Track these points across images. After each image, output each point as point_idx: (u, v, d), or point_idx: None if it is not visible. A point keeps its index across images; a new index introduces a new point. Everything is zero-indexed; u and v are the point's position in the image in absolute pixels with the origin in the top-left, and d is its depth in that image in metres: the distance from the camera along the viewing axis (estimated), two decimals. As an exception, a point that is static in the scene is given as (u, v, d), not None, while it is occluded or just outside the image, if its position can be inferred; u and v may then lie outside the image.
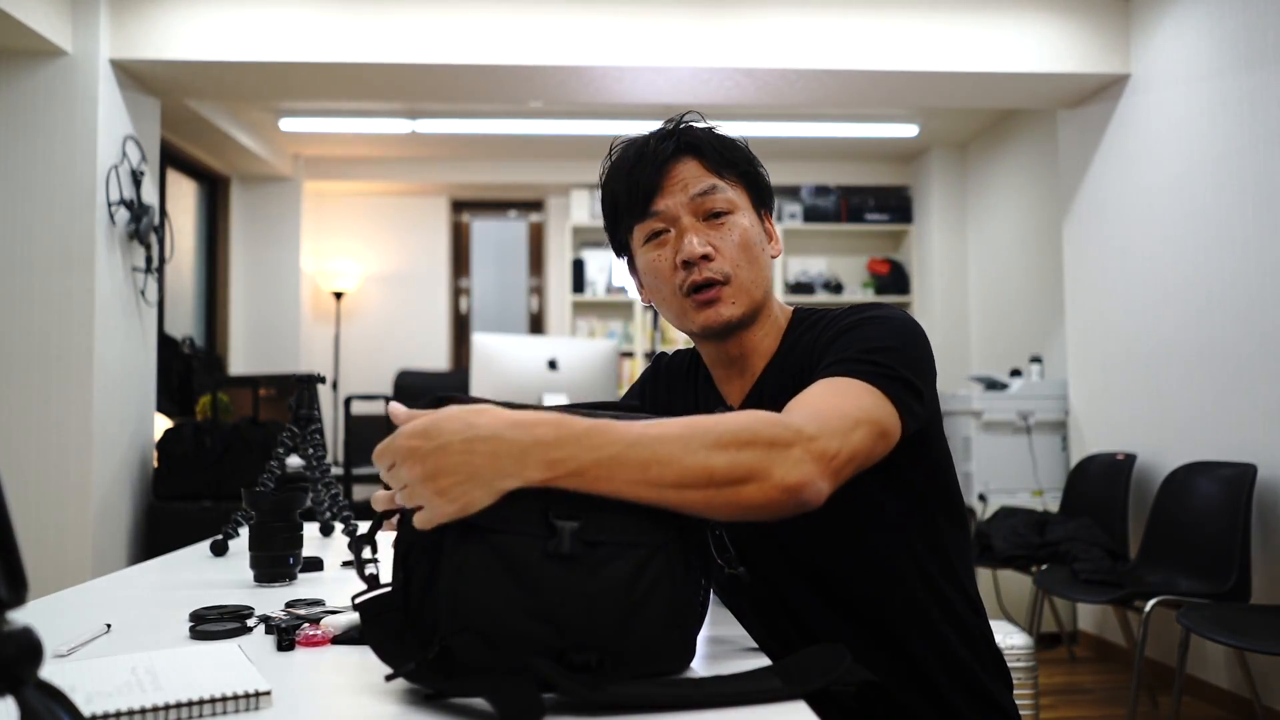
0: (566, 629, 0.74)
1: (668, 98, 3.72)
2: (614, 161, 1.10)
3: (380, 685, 0.80)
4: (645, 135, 1.09)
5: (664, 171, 1.05)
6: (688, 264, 1.04)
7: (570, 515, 0.74)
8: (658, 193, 1.06)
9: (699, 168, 1.06)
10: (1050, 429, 4.01)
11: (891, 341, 0.97)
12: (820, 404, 0.88)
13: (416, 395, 4.77)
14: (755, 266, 1.06)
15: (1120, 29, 3.49)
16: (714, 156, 1.06)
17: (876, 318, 1.01)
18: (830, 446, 0.82)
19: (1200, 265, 3.10)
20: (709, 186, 1.05)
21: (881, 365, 0.93)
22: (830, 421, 0.84)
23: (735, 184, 1.08)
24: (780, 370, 1.08)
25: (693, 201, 1.05)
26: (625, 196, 1.08)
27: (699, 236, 1.04)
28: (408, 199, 6.10)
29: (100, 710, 0.69)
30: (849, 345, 0.97)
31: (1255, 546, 2.75)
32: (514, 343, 2.84)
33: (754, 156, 1.11)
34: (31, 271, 3.17)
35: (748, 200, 1.09)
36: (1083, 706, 3.14)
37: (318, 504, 1.69)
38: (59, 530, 3.13)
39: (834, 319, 1.05)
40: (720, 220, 1.06)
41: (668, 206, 1.05)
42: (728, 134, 1.11)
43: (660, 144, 1.06)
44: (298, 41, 3.31)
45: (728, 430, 0.78)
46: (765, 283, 1.08)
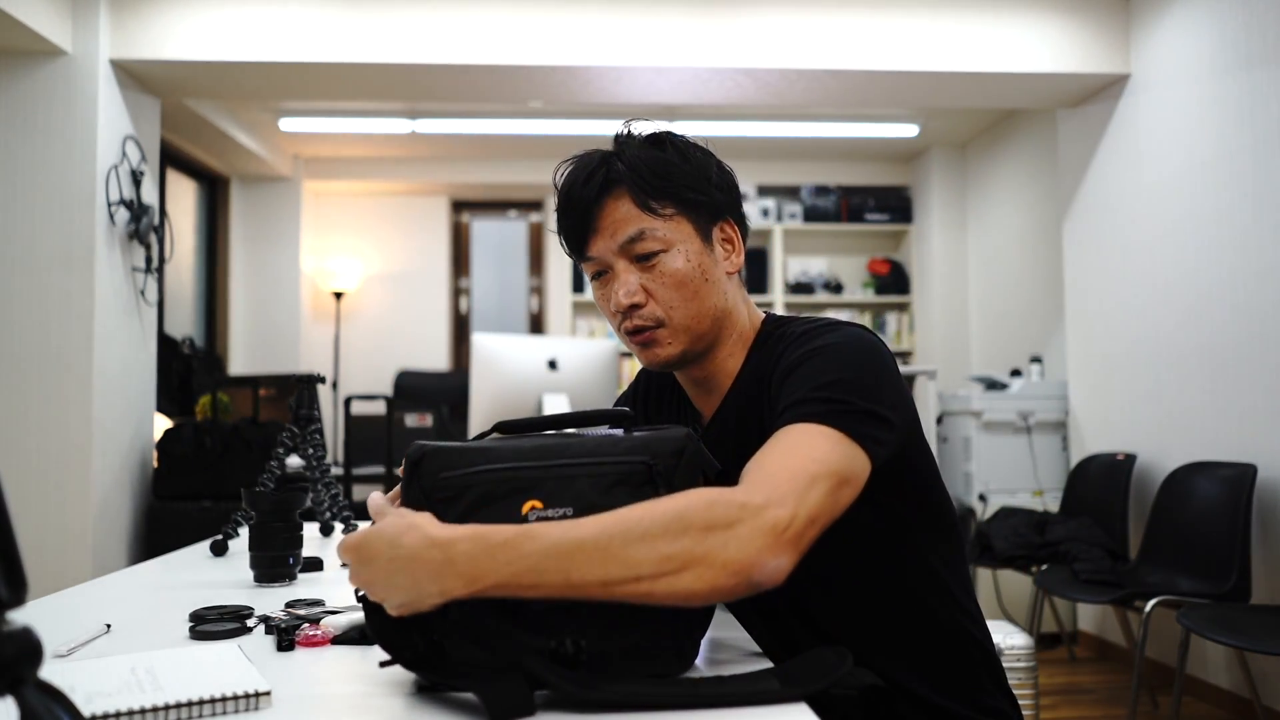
0: (553, 629, 0.76)
1: (668, 98, 3.72)
2: (557, 192, 1.07)
3: (380, 685, 0.80)
4: (579, 165, 1.05)
5: (592, 214, 1.03)
6: (619, 312, 1.04)
7: None
8: (591, 235, 1.04)
9: (629, 205, 1.01)
10: (1050, 429, 4.01)
11: (843, 371, 0.92)
12: (771, 466, 0.83)
13: (416, 395, 4.77)
14: (695, 301, 1.02)
15: (1120, 29, 3.49)
16: (644, 188, 1.01)
17: (823, 347, 0.96)
18: (782, 516, 0.77)
19: (1200, 265, 3.10)
20: (636, 233, 1.01)
21: (835, 401, 0.88)
22: (781, 485, 0.79)
23: (671, 214, 1.02)
24: (743, 389, 1.06)
25: (622, 248, 1.02)
26: (564, 238, 1.07)
27: (627, 285, 1.02)
28: (408, 199, 6.10)
29: (100, 710, 0.69)
30: (799, 385, 0.92)
31: (1255, 546, 2.75)
32: (514, 343, 2.84)
33: (698, 172, 1.04)
34: (31, 271, 3.17)
35: (689, 228, 1.03)
36: (1083, 706, 3.14)
37: (318, 504, 1.69)
38: (59, 530, 3.13)
39: (787, 345, 1.00)
40: (652, 262, 1.02)
41: (599, 252, 1.04)
42: (667, 149, 1.04)
43: (586, 185, 1.03)
44: (298, 41, 3.30)
45: (656, 521, 0.74)
46: (711, 312, 1.03)
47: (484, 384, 2.67)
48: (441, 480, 0.81)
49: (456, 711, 0.73)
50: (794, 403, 0.90)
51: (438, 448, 0.83)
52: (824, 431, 0.86)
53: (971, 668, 1.04)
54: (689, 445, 0.84)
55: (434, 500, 0.80)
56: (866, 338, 0.99)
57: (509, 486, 0.80)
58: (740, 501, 0.77)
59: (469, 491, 0.80)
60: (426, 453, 0.82)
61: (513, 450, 0.82)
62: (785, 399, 0.92)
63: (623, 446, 0.83)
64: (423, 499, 0.81)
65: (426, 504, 0.80)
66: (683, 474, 0.83)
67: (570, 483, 0.80)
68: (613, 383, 2.92)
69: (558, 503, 0.80)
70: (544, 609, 0.76)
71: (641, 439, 0.84)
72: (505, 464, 0.81)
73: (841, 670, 0.75)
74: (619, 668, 0.76)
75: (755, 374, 1.05)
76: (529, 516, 0.79)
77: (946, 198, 5.45)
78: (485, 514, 0.79)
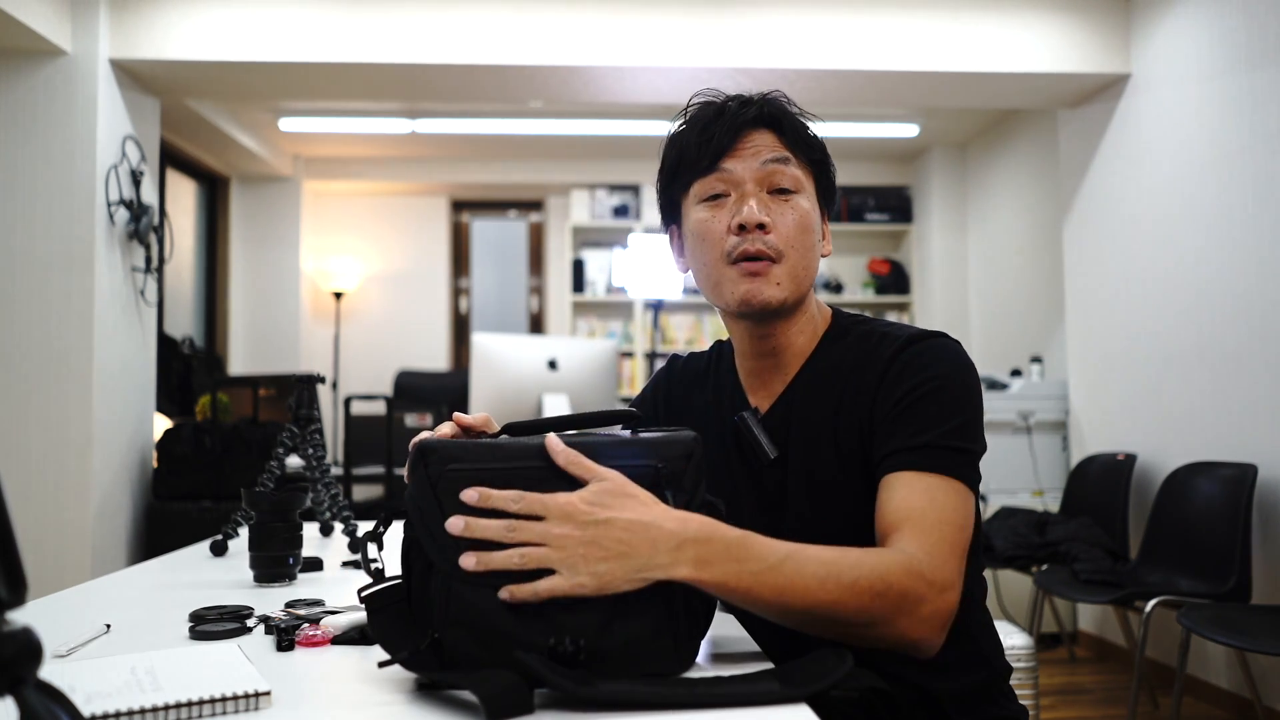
0: (552, 627, 0.75)
1: (668, 98, 3.72)
2: (689, 115, 1.06)
3: (380, 685, 0.80)
4: (726, 97, 1.06)
5: (739, 134, 1.02)
6: (743, 228, 0.99)
7: None
8: (728, 152, 1.02)
9: (775, 140, 1.02)
10: (1050, 429, 4.01)
11: (966, 412, 0.96)
12: (935, 532, 0.88)
13: (416, 395, 4.77)
14: (808, 253, 1.02)
15: (1120, 29, 3.49)
16: (792, 135, 1.03)
17: (945, 380, 0.97)
18: (953, 601, 0.86)
19: (1201, 265, 3.10)
20: (781, 157, 1.02)
21: (962, 451, 0.94)
22: (949, 562, 0.87)
23: (805, 168, 1.04)
24: (815, 378, 1.05)
25: (762, 168, 1.01)
26: (694, 150, 1.03)
27: (762, 205, 1.00)
28: (408, 199, 6.10)
29: (100, 710, 0.69)
30: (927, 424, 0.94)
31: (1255, 546, 2.74)
32: (514, 343, 2.84)
33: (827, 151, 1.08)
34: (31, 271, 3.17)
35: (814, 187, 1.05)
36: (1083, 707, 3.14)
37: (317, 504, 1.68)
38: (59, 530, 3.13)
39: (890, 357, 0.99)
40: (785, 197, 1.01)
41: (735, 168, 1.01)
42: (809, 122, 1.07)
43: (741, 108, 1.03)
44: (298, 41, 3.30)
45: (864, 575, 0.81)
46: (813, 273, 1.04)
47: (484, 384, 2.67)
48: (449, 472, 0.80)
49: (456, 711, 0.73)
50: (926, 446, 0.93)
51: (446, 441, 0.83)
52: (959, 490, 0.92)
53: (982, 676, 1.04)
54: (697, 448, 0.85)
55: (439, 492, 0.80)
56: (967, 362, 1.00)
57: (519, 484, 0.80)
58: (928, 578, 0.84)
59: (477, 486, 0.80)
60: (436, 446, 0.81)
61: (520, 448, 0.82)
62: (913, 435, 0.94)
63: (631, 448, 0.83)
64: (429, 489, 0.80)
65: (431, 494, 0.80)
66: (691, 477, 0.84)
67: (576, 481, 0.80)
68: (612, 383, 2.92)
69: None
70: (543, 605, 0.76)
71: (650, 441, 0.84)
72: (513, 461, 0.81)
73: (842, 671, 0.74)
74: (618, 667, 0.76)
75: (833, 366, 1.04)
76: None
77: (946, 198, 5.45)
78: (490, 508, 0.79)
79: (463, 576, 0.76)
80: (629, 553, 0.76)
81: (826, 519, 1.00)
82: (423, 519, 0.80)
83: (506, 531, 0.76)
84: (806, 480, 1.02)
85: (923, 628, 0.83)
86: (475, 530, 0.77)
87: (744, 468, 1.07)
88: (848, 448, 1.00)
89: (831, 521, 1.00)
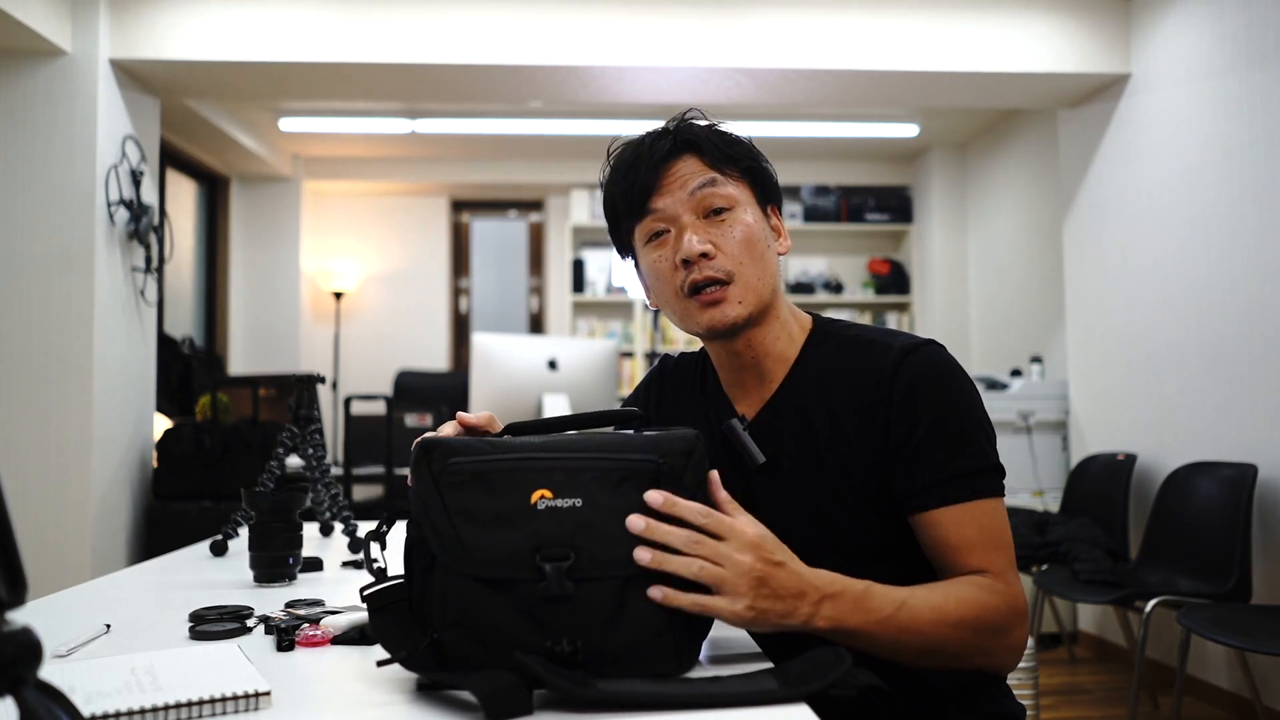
0: (551, 628, 0.76)
1: (668, 98, 3.72)
2: (612, 163, 1.07)
3: (380, 685, 0.80)
4: (642, 135, 1.07)
5: (661, 170, 1.02)
6: (687, 262, 1.01)
7: (559, 556, 0.78)
8: (655, 191, 1.02)
9: (698, 164, 1.03)
10: (1050, 429, 4.00)
11: (981, 426, 1.00)
12: (1003, 556, 0.96)
13: (416, 395, 4.77)
14: (760, 263, 1.03)
15: (1120, 29, 3.49)
16: (713, 153, 1.03)
17: (956, 400, 0.99)
18: (1027, 619, 0.95)
19: (1201, 265, 3.10)
20: (708, 180, 1.02)
21: (990, 468, 0.99)
22: (1016, 584, 0.95)
23: (737, 180, 1.04)
24: (802, 384, 1.05)
25: (692, 198, 1.02)
26: (623, 198, 1.05)
27: (699, 234, 1.01)
28: (408, 199, 6.10)
29: (100, 710, 0.69)
30: (952, 452, 0.97)
31: (1256, 547, 2.74)
32: (514, 343, 2.84)
33: (757, 151, 1.08)
34: (31, 271, 3.17)
35: (751, 196, 1.05)
36: (1083, 707, 3.14)
37: (317, 504, 1.68)
38: (59, 530, 3.13)
39: (890, 369, 0.99)
40: (721, 217, 1.02)
41: (666, 205, 1.02)
42: (729, 130, 1.08)
43: (657, 142, 1.04)
44: (297, 41, 3.30)
45: (966, 616, 0.89)
46: (771, 280, 1.05)
47: (484, 384, 2.67)
48: (452, 465, 0.80)
49: (457, 711, 0.73)
50: (973, 472, 0.98)
51: (449, 438, 0.83)
52: (998, 506, 0.98)
53: (983, 674, 1.03)
54: (698, 446, 0.85)
55: (442, 486, 0.80)
56: (960, 367, 1.03)
57: (519, 475, 0.80)
58: (1015, 608, 0.93)
59: (479, 479, 0.80)
60: (439, 442, 0.82)
61: (522, 443, 0.83)
62: (946, 462, 0.97)
63: (632, 444, 0.83)
64: (431, 484, 0.80)
65: (434, 489, 0.80)
66: (691, 474, 0.84)
67: (578, 475, 0.81)
68: (612, 383, 2.92)
69: (567, 493, 0.80)
70: (542, 604, 0.76)
71: (651, 438, 0.85)
72: (515, 454, 0.81)
73: (840, 670, 0.74)
74: (618, 668, 0.76)
75: (821, 371, 1.04)
76: (538, 505, 0.79)
77: (946, 198, 5.45)
78: (493, 500, 0.79)
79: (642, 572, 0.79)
80: (786, 597, 0.81)
81: (823, 522, 1.00)
82: (427, 515, 0.80)
83: (690, 543, 0.80)
84: (800, 485, 1.02)
85: (1012, 655, 0.93)
86: (656, 533, 0.79)
87: (734, 475, 1.06)
88: (850, 454, 1.00)
89: (827, 525, 1.00)
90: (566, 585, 0.76)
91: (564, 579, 0.76)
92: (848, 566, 0.98)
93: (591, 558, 0.78)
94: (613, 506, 0.80)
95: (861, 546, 1.00)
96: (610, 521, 0.79)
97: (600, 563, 0.78)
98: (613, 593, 0.78)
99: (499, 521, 0.79)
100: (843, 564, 0.99)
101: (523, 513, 0.79)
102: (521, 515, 0.79)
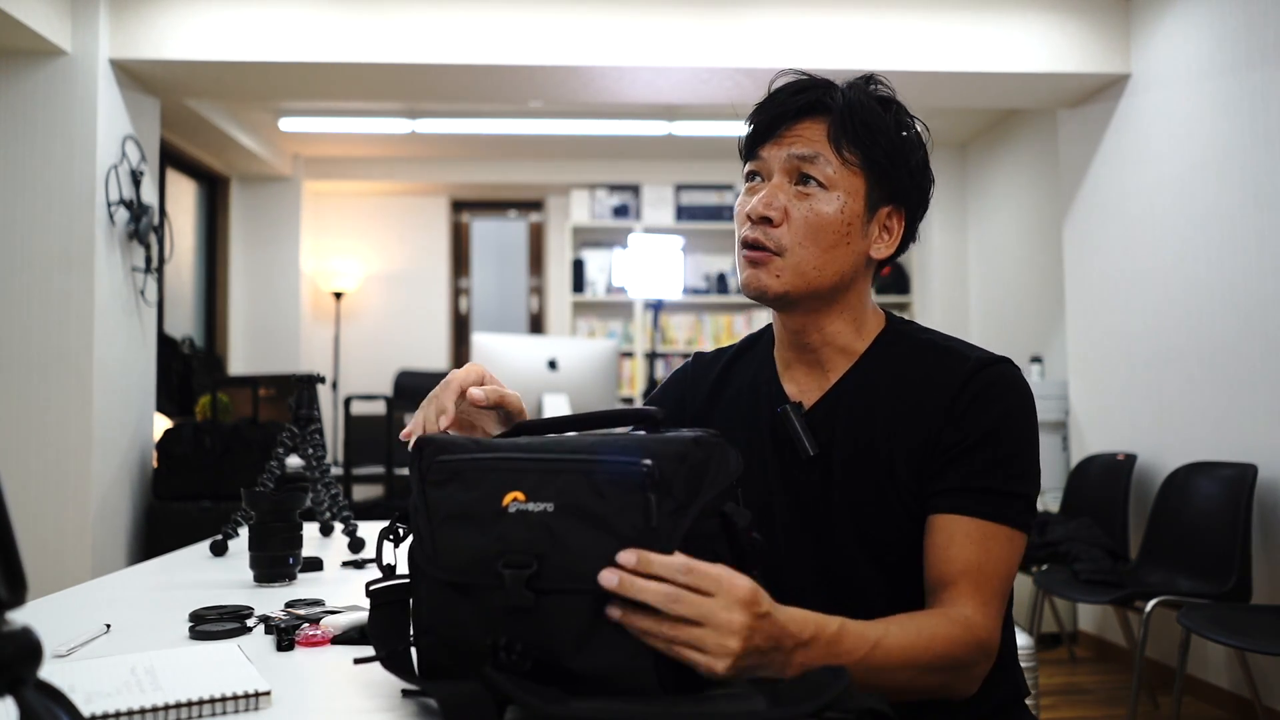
0: (514, 640, 0.73)
1: (668, 98, 3.72)
2: (770, 89, 1.05)
3: (380, 685, 0.80)
4: (799, 78, 1.04)
5: (783, 122, 1.01)
6: (750, 218, 1.00)
7: (521, 563, 0.72)
8: (768, 140, 1.02)
9: (819, 132, 0.99)
10: (1050, 429, 4.00)
11: (1029, 454, 0.97)
12: (988, 586, 0.92)
13: (416, 395, 4.75)
14: (824, 252, 0.99)
15: (1120, 29, 3.49)
16: (841, 127, 0.99)
17: (1014, 421, 0.96)
18: (995, 654, 0.91)
19: (1201, 265, 3.10)
20: (811, 154, 0.99)
21: (1020, 496, 0.94)
22: (994, 616, 0.91)
23: (852, 166, 0.99)
24: (864, 381, 1.02)
25: (789, 161, 1.00)
26: (749, 131, 1.05)
27: (775, 198, 0.99)
28: (408, 199, 6.10)
29: (100, 710, 0.69)
30: (991, 466, 0.94)
31: (1255, 546, 2.74)
32: (514, 343, 2.84)
33: (903, 147, 1.02)
34: (31, 271, 3.17)
35: (860, 186, 1.00)
36: (1083, 707, 3.14)
37: (317, 504, 1.68)
38: (59, 530, 3.13)
39: (962, 379, 0.97)
40: (809, 190, 0.99)
41: (768, 156, 1.01)
42: (890, 112, 1.02)
43: (795, 95, 1.01)
44: (297, 41, 3.30)
45: (937, 656, 0.85)
46: (836, 274, 1.00)
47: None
48: (436, 463, 0.79)
49: (457, 711, 0.73)
50: (991, 491, 0.94)
51: (442, 436, 0.83)
52: (1013, 538, 0.94)
53: (1004, 693, 1.02)
54: (694, 453, 0.75)
55: (427, 484, 0.79)
56: (1030, 394, 0.99)
57: (495, 476, 0.76)
58: (984, 646, 0.89)
59: (457, 478, 0.78)
60: (432, 439, 0.81)
61: (510, 444, 0.79)
62: (980, 474, 0.94)
63: (618, 445, 0.76)
64: (419, 482, 0.80)
65: (421, 487, 0.79)
66: (683, 484, 0.74)
67: (555, 477, 0.74)
68: (612, 383, 2.91)
69: (540, 497, 0.74)
70: (504, 615, 0.73)
71: (641, 439, 0.77)
72: (496, 453, 0.78)
73: (838, 690, 0.69)
74: (592, 689, 0.71)
75: (889, 372, 1.02)
76: (509, 508, 0.74)
77: (946, 198, 5.45)
78: (467, 500, 0.76)
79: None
80: (765, 650, 0.73)
81: (863, 520, 0.98)
82: (415, 513, 0.79)
83: (669, 600, 0.70)
84: (848, 481, 0.99)
85: (969, 686, 0.90)
86: (630, 589, 0.69)
87: (779, 463, 1.04)
88: (901, 461, 0.97)
89: (867, 523, 0.98)
90: (526, 595, 0.71)
91: (523, 588, 0.71)
92: (879, 568, 0.98)
93: (558, 568, 0.71)
94: (590, 514, 0.72)
95: (897, 552, 0.97)
96: (584, 530, 0.72)
97: (568, 574, 0.71)
98: (584, 607, 0.71)
99: (470, 523, 0.75)
100: (874, 565, 0.98)
101: (493, 515, 0.74)
102: (491, 518, 0.74)
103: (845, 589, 0.99)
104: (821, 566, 1.00)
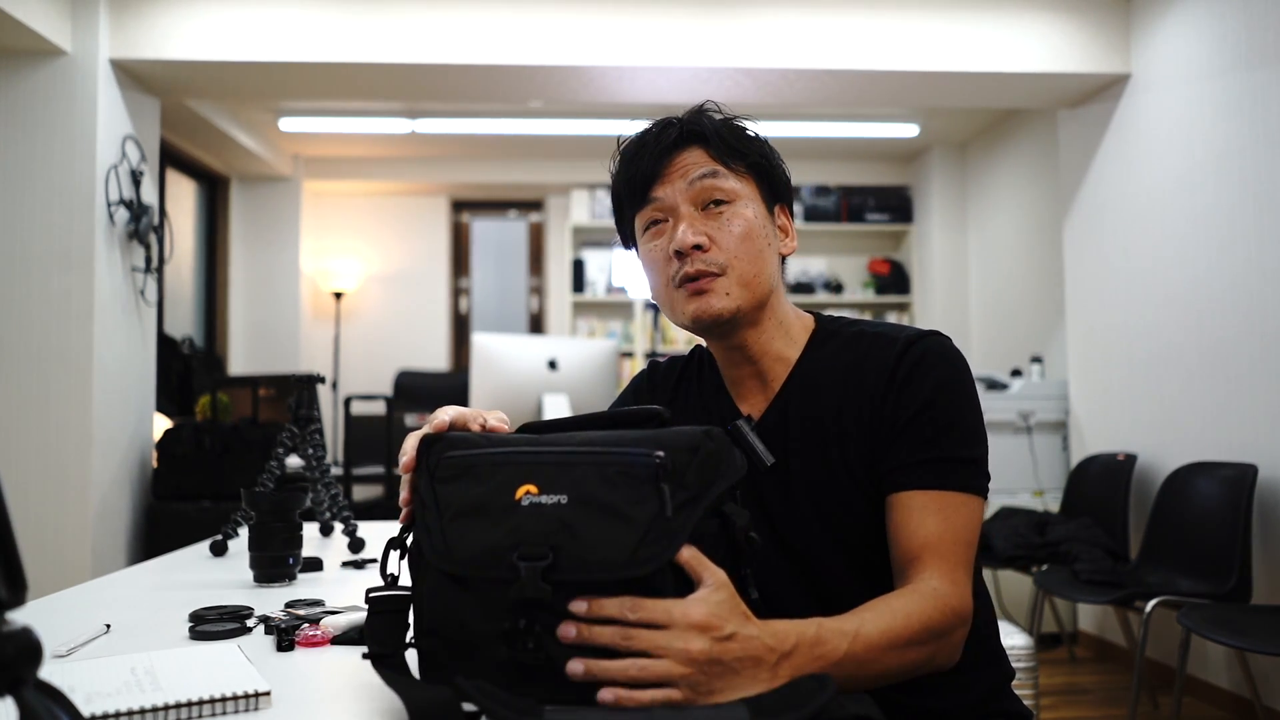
0: (528, 635, 0.73)
1: (668, 98, 3.72)
2: (621, 152, 1.07)
3: (380, 685, 0.80)
4: (652, 124, 1.06)
5: (664, 159, 1.02)
6: (681, 254, 1.00)
7: (537, 555, 0.72)
8: (657, 180, 1.02)
9: (703, 155, 1.02)
10: (1051, 429, 4.00)
11: (974, 418, 0.98)
12: (953, 555, 0.92)
13: (416, 395, 4.77)
14: (757, 260, 1.01)
15: (1120, 29, 3.49)
16: (719, 145, 1.02)
17: (950, 386, 0.98)
18: (970, 618, 0.92)
19: (1201, 265, 3.10)
20: (709, 172, 1.01)
21: (971, 461, 0.96)
22: (964, 584, 0.92)
23: (742, 175, 1.03)
24: (808, 382, 1.03)
25: (691, 188, 1.01)
26: (626, 185, 1.04)
27: (694, 226, 1.00)
28: (408, 199, 6.10)
29: (100, 710, 0.69)
30: (936, 434, 0.96)
31: (1256, 547, 2.74)
32: (514, 343, 2.84)
33: (770, 149, 1.07)
34: (31, 271, 3.17)
35: (756, 192, 1.04)
36: (1083, 707, 3.14)
37: (317, 504, 1.68)
38: (59, 530, 3.13)
39: (895, 357, 0.99)
40: (720, 210, 1.01)
41: (665, 194, 1.02)
42: (742, 124, 1.07)
43: (664, 131, 1.03)
44: (297, 41, 3.30)
45: (915, 632, 0.85)
46: (768, 279, 1.03)
47: (484, 384, 2.67)
48: (446, 459, 0.79)
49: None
50: (942, 460, 0.95)
51: (450, 433, 0.83)
52: (971, 504, 0.95)
53: (992, 675, 1.03)
54: (706, 444, 0.77)
55: (436, 480, 0.79)
56: (964, 360, 1.02)
57: (507, 470, 0.77)
58: (958, 611, 0.90)
59: (468, 473, 0.78)
60: (439, 436, 0.81)
61: (521, 438, 0.80)
62: (927, 445, 0.95)
63: (629, 438, 0.77)
64: (428, 478, 0.80)
65: (430, 483, 0.79)
66: (695, 472, 0.75)
67: (568, 470, 0.75)
68: (612, 383, 2.92)
69: (553, 489, 0.74)
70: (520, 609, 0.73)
71: (654, 433, 0.78)
72: (506, 447, 0.78)
73: (824, 699, 0.68)
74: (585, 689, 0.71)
75: (826, 368, 1.03)
76: (522, 501, 0.74)
77: (946, 198, 5.45)
78: (479, 494, 0.76)
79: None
80: (743, 670, 0.72)
81: (829, 519, 0.99)
82: (423, 510, 0.79)
83: (621, 639, 0.70)
84: (809, 483, 1.00)
85: (954, 654, 0.90)
86: (587, 637, 0.71)
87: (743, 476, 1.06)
88: (853, 450, 0.98)
89: (834, 521, 0.99)
90: (543, 588, 0.71)
91: (539, 580, 0.71)
92: (853, 562, 0.99)
93: (573, 559, 0.72)
94: (604, 505, 0.73)
95: (869, 544, 0.98)
96: (598, 522, 0.73)
97: (582, 565, 0.72)
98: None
99: (483, 517, 0.75)
100: (848, 560, 0.99)
101: (506, 508, 0.75)
102: (505, 511, 0.75)
103: (824, 590, 1.00)
104: (797, 572, 1.01)
